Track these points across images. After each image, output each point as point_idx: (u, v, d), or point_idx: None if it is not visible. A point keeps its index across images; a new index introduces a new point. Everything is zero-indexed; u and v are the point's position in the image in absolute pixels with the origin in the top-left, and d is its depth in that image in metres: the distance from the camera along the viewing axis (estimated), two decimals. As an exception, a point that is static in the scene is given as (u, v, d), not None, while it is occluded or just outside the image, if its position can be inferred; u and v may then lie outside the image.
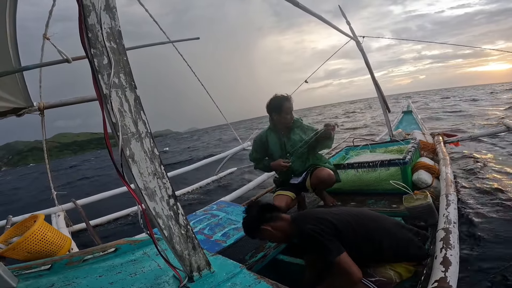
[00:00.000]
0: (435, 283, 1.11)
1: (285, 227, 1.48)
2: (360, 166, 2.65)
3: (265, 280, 0.86)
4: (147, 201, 0.80)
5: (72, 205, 3.86)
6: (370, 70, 4.08)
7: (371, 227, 1.38)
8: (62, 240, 1.72)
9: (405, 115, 6.10)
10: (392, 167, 2.50)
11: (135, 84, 0.81)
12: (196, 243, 0.89)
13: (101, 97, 0.76)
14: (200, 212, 2.23)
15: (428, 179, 2.49)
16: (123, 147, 0.76)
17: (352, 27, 3.87)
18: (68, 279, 1.03)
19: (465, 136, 4.18)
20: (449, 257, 1.25)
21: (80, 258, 1.17)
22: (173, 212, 0.85)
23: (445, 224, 1.54)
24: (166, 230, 0.83)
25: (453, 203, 1.78)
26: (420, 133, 4.51)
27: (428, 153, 3.42)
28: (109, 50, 0.75)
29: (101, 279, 1.02)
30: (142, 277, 1.01)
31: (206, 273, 0.90)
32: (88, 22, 0.72)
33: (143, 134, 0.80)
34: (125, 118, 0.78)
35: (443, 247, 1.32)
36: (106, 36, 0.75)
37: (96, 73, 0.74)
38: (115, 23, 0.77)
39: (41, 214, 1.80)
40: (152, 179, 0.81)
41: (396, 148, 3.29)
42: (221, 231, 1.82)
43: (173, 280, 0.93)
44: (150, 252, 1.23)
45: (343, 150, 3.61)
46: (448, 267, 1.18)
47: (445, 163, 2.68)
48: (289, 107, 2.36)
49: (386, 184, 2.50)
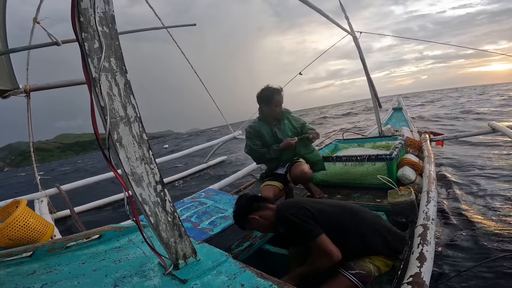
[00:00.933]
0: (410, 278, 1.13)
1: (271, 216, 1.53)
2: (348, 160, 2.69)
3: (250, 269, 0.87)
4: (134, 187, 0.79)
5: (56, 191, 3.78)
6: (364, 65, 4.10)
7: (353, 220, 1.42)
8: (45, 226, 1.68)
9: (395, 112, 6.19)
10: (378, 162, 2.55)
11: (126, 68, 0.79)
12: (182, 230, 0.89)
13: (90, 80, 0.74)
14: (188, 199, 2.23)
15: (412, 176, 2.55)
16: (110, 131, 0.75)
17: (353, 26, 3.89)
18: (50, 266, 1.01)
19: (451, 135, 4.29)
20: (425, 253, 1.28)
21: (63, 245, 1.15)
22: (160, 198, 0.84)
23: (424, 220, 1.57)
24: (153, 217, 0.82)
25: (433, 200, 1.82)
26: (408, 130, 4.60)
27: (414, 150, 3.50)
28: (101, 35, 0.74)
29: (84, 266, 1.00)
30: (127, 264, 1.00)
31: (192, 261, 0.90)
32: (81, 6, 0.71)
33: (132, 118, 0.79)
34: (114, 101, 0.76)
35: (420, 243, 1.35)
36: (99, 20, 0.74)
37: (86, 56, 0.73)
38: (109, 7, 0.76)
39: (23, 199, 1.76)
40: (139, 164, 0.80)
41: (384, 144, 3.35)
42: (208, 219, 1.82)
43: (158, 268, 0.93)
44: (135, 239, 1.22)
45: (332, 143, 3.65)
46: (423, 263, 1.21)
47: (429, 160, 2.74)
48: (279, 100, 2.38)
49: (372, 179, 2.55)
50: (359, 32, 3.98)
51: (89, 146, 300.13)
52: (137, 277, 0.90)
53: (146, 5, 4.37)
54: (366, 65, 4.09)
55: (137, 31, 4.16)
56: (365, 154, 2.67)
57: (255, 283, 0.79)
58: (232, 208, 1.93)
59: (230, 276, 0.83)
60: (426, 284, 1.10)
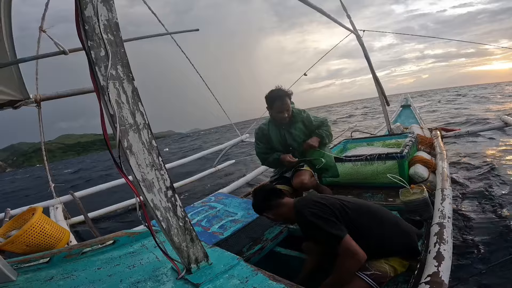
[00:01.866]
0: (428, 278, 1.11)
1: (286, 213, 1.54)
2: (358, 159, 2.66)
3: (262, 272, 0.87)
4: (145, 193, 0.80)
5: (70, 197, 3.85)
6: (369, 63, 4.07)
7: (374, 220, 1.37)
8: (61, 232, 1.72)
9: (403, 109, 6.10)
10: (389, 160, 2.51)
11: (133, 75, 0.80)
12: (194, 235, 0.89)
13: (98, 88, 0.76)
14: (198, 204, 2.24)
15: (425, 173, 2.50)
16: (120, 139, 0.76)
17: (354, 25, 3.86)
18: (67, 272, 1.03)
19: (463, 131, 4.20)
20: (442, 251, 1.25)
21: (79, 251, 1.18)
22: (171, 204, 0.85)
23: (439, 218, 1.54)
24: (164, 222, 0.83)
25: (448, 198, 1.79)
26: (418, 127, 4.52)
27: (426, 147, 3.43)
28: (106, 42, 0.75)
29: (99, 272, 1.02)
30: (141, 269, 1.01)
31: (204, 265, 0.91)
32: (85, 15, 0.72)
33: (140, 125, 0.80)
34: (123, 109, 0.78)
35: (437, 242, 1.33)
36: (103, 28, 0.75)
37: (93, 65, 0.74)
38: (112, 15, 0.77)
39: (39, 206, 1.80)
40: (150, 171, 0.81)
41: (394, 142, 3.30)
42: (219, 223, 1.83)
43: (171, 272, 0.94)
44: (148, 244, 1.23)
45: (341, 143, 3.62)
46: (441, 262, 1.19)
47: (441, 157, 2.69)
48: (281, 106, 2.24)
49: (383, 178, 2.51)
50: (362, 31, 3.95)
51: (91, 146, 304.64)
52: (151, 282, 0.91)
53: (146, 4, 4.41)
54: (371, 63, 4.05)
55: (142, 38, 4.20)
56: (375, 153, 2.63)
57: (268, 286, 0.79)
58: (242, 211, 1.93)
59: (242, 280, 0.84)
60: (445, 283, 1.08)
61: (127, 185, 0.82)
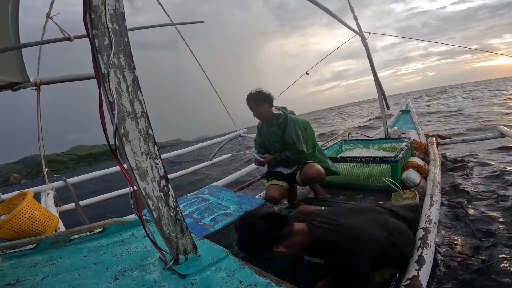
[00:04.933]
0: (408, 281, 1.14)
1: (302, 241, 1.22)
2: (353, 161, 2.68)
3: (250, 266, 0.87)
4: (138, 181, 0.81)
5: (63, 183, 3.82)
6: (372, 66, 4.06)
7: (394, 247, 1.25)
8: (49, 219, 1.69)
9: (402, 114, 6.13)
10: (383, 164, 2.53)
11: (134, 65, 0.81)
12: (184, 226, 0.90)
13: (99, 76, 0.76)
14: (191, 195, 2.24)
15: (416, 179, 2.53)
16: (118, 126, 0.77)
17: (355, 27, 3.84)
18: (52, 259, 1.03)
19: (458, 139, 4.23)
20: (424, 256, 1.27)
21: (66, 237, 1.17)
22: (164, 193, 0.85)
23: (425, 223, 1.57)
24: (155, 211, 0.84)
25: (436, 204, 1.81)
26: (415, 133, 4.55)
27: (420, 153, 3.46)
28: (111, 31, 0.75)
29: (86, 259, 1.02)
30: (128, 258, 1.01)
31: (192, 256, 0.91)
32: (93, 3, 0.72)
33: (138, 113, 0.81)
34: (122, 97, 0.78)
35: (420, 246, 1.35)
36: (109, 17, 0.75)
37: (96, 52, 0.74)
38: (119, 4, 0.77)
39: (30, 191, 1.78)
40: (144, 159, 0.82)
41: (389, 146, 3.33)
42: (210, 215, 1.83)
43: (159, 262, 0.94)
44: (137, 233, 1.23)
45: (338, 143, 3.64)
46: (422, 266, 1.21)
47: (435, 164, 2.71)
48: (250, 108, 2.39)
49: (376, 181, 2.54)
50: (368, 33, 3.94)
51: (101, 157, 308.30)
52: (137, 271, 0.91)
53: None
54: (374, 66, 4.05)
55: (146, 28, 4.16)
56: (370, 155, 2.65)
57: (254, 280, 0.80)
58: (235, 205, 1.93)
59: (229, 273, 0.84)
60: (423, 287, 1.10)
61: (121, 173, 0.82)
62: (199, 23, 4.91)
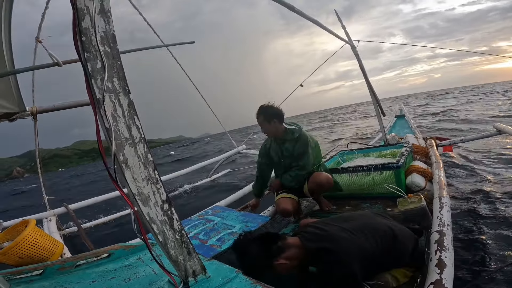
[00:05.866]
0: (431, 286, 1.11)
1: (299, 254, 1.26)
2: (354, 170, 2.67)
3: (261, 284, 0.85)
4: (141, 206, 0.79)
5: (64, 210, 3.80)
6: (364, 73, 4.13)
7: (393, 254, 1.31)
8: (54, 245, 1.70)
9: (398, 120, 6.17)
10: (386, 171, 2.52)
11: (129, 89, 0.80)
12: (191, 248, 0.88)
13: (94, 102, 0.75)
14: (195, 217, 2.22)
15: (422, 182, 2.52)
16: (116, 153, 0.76)
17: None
18: (60, 284, 1.01)
19: (457, 139, 4.24)
20: (443, 259, 1.25)
21: (73, 263, 1.16)
22: (167, 217, 0.84)
23: (439, 226, 1.55)
24: (161, 235, 0.82)
25: (446, 206, 1.79)
26: (413, 137, 4.56)
27: (421, 156, 3.46)
28: (103, 54, 0.75)
29: (94, 285, 1.00)
30: (137, 282, 0.99)
31: (202, 278, 0.89)
32: (82, 26, 0.72)
33: (136, 139, 0.80)
34: (119, 123, 0.77)
35: (438, 249, 1.33)
36: (100, 40, 0.75)
37: (89, 77, 0.74)
38: (109, 27, 0.77)
39: (32, 219, 1.78)
40: (146, 185, 0.81)
41: (389, 152, 3.32)
42: (216, 236, 1.81)
43: (168, 286, 0.92)
44: (144, 257, 1.22)
45: (337, 154, 3.63)
46: (443, 269, 1.18)
47: (437, 166, 2.71)
48: (259, 122, 2.34)
49: (380, 188, 2.52)
50: (357, 41, 4.02)
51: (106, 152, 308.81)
52: (147, 296, 0.89)
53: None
54: (366, 73, 4.11)
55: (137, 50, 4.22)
56: (371, 163, 2.64)
57: (266, 299, 0.78)
58: (240, 224, 1.91)
59: (240, 293, 0.82)
60: None
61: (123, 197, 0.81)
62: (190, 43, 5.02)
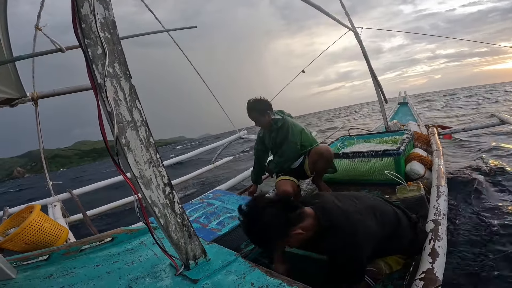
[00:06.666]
0: (422, 274, 1.13)
1: (313, 225, 1.17)
2: (355, 156, 2.68)
3: (259, 267, 0.88)
4: (143, 190, 0.81)
5: (68, 195, 3.85)
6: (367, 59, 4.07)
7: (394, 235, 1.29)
8: (59, 230, 1.73)
9: (401, 107, 6.13)
10: (386, 157, 2.53)
11: (130, 73, 0.80)
12: (192, 231, 0.90)
13: (95, 86, 0.76)
14: (196, 201, 2.25)
15: (421, 170, 2.52)
16: (118, 136, 0.77)
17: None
18: (66, 269, 1.04)
19: (459, 128, 4.23)
20: (437, 248, 1.27)
21: (77, 248, 1.18)
22: (169, 200, 0.85)
23: (434, 215, 1.56)
24: (162, 218, 0.84)
25: (444, 195, 1.80)
26: (415, 124, 4.55)
27: (422, 144, 3.46)
28: (103, 40, 0.75)
29: (98, 268, 1.03)
30: (139, 265, 1.02)
31: (202, 261, 0.92)
32: (82, 13, 0.72)
33: (138, 122, 0.81)
34: (120, 106, 0.78)
35: (432, 239, 1.34)
36: (100, 26, 0.75)
37: (90, 62, 0.74)
38: (109, 13, 0.76)
39: (37, 204, 1.81)
40: (147, 167, 0.82)
41: (391, 139, 3.33)
42: (217, 219, 1.83)
43: (170, 268, 0.95)
44: (146, 241, 1.24)
45: (338, 139, 3.64)
46: (436, 259, 1.20)
47: (438, 154, 2.71)
48: (250, 116, 2.38)
49: (380, 175, 2.53)
50: (360, 28, 3.95)
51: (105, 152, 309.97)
52: (149, 278, 0.92)
53: (155, 11, 4.43)
54: (369, 59, 4.06)
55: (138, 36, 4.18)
56: (372, 149, 2.65)
57: (265, 281, 0.80)
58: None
59: (239, 275, 0.85)
60: (439, 279, 1.10)
61: (125, 182, 0.82)
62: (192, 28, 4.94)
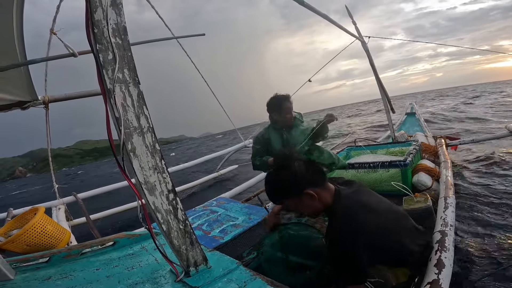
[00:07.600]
0: (428, 285, 1.11)
1: (328, 201, 1.19)
2: (361, 167, 2.65)
3: (261, 277, 0.86)
4: (147, 195, 0.81)
5: (73, 199, 3.88)
6: (374, 70, 4.07)
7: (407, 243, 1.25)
8: (61, 233, 1.73)
9: (408, 117, 6.08)
10: (392, 168, 2.50)
11: (139, 79, 0.82)
12: (193, 238, 0.90)
13: (105, 91, 0.77)
14: (199, 208, 2.24)
15: (428, 181, 2.49)
16: (125, 141, 0.77)
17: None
18: (66, 272, 1.04)
19: (468, 139, 4.17)
20: (443, 259, 1.25)
21: (78, 251, 1.18)
22: (172, 207, 0.85)
23: (441, 226, 1.54)
24: (165, 224, 0.84)
25: (451, 206, 1.78)
26: (422, 135, 4.50)
27: (430, 155, 3.41)
28: (114, 46, 0.76)
29: (98, 272, 1.03)
30: (139, 271, 1.01)
31: (203, 268, 0.91)
32: (95, 18, 0.73)
33: (145, 128, 0.81)
34: (128, 112, 0.79)
35: (438, 249, 1.32)
36: (112, 32, 0.76)
37: (101, 68, 0.75)
38: (121, 19, 0.78)
39: (41, 207, 1.82)
40: (152, 173, 0.82)
41: (397, 150, 3.29)
42: (219, 227, 1.82)
43: (170, 275, 0.94)
44: (148, 246, 1.24)
45: (344, 150, 3.61)
46: (442, 270, 1.18)
47: (445, 166, 2.67)
48: (289, 107, 2.36)
49: (386, 185, 2.50)
50: (368, 37, 3.96)
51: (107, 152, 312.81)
52: (149, 284, 0.91)
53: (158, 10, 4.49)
54: (376, 70, 4.06)
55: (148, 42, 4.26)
56: (378, 160, 2.62)
57: (266, 291, 0.79)
58: (243, 216, 1.92)
59: (240, 284, 0.83)
60: None
61: (129, 187, 0.82)
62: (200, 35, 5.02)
